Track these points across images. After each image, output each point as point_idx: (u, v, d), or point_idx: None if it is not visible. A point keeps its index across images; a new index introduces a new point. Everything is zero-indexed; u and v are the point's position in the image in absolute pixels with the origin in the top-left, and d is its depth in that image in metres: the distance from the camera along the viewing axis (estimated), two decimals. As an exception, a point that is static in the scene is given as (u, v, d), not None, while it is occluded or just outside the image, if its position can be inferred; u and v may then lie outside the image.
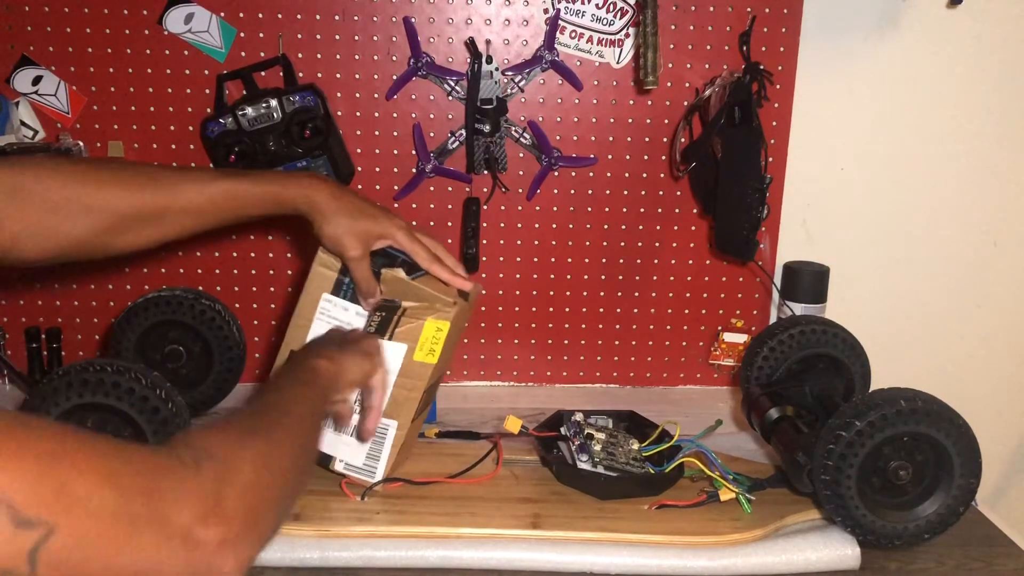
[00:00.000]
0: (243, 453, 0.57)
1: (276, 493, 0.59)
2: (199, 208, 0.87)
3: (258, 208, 0.90)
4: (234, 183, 0.88)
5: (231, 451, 0.56)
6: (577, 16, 1.20)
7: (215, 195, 0.87)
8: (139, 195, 0.83)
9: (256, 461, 0.57)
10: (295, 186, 0.91)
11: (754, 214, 1.11)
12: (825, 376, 1.03)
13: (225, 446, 0.56)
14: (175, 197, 0.85)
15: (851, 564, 0.86)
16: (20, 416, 0.48)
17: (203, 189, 0.86)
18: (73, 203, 0.80)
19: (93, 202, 0.81)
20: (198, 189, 0.86)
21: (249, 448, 0.58)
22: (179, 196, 0.85)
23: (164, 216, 0.85)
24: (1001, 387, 1.40)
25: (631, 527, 0.89)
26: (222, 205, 0.88)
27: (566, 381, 1.35)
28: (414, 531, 0.88)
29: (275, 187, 0.90)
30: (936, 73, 1.28)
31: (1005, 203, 1.34)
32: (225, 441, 0.57)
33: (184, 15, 1.18)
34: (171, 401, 0.87)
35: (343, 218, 0.92)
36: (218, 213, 0.88)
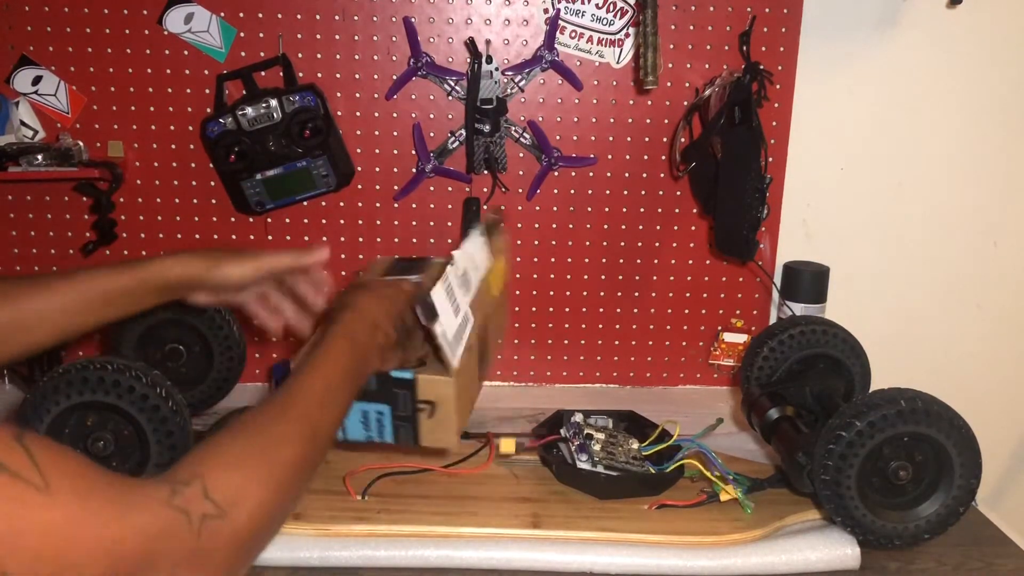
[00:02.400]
0: (249, 501, 0.57)
1: (271, 532, 0.61)
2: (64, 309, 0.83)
3: (129, 296, 0.86)
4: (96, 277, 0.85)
5: (237, 501, 0.57)
6: (577, 16, 1.20)
7: (83, 294, 0.84)
8: (5, 301, 0.81)
9: (260, 510, 0.58)
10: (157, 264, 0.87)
11: (754, 214, 1.11)
12: (825, 376, 1.03)
13: (234, 496, 0.57)
14: (43, 296, 0.82)
15: (851, 564, 0.86)
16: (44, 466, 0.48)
17: (68, 289, 0.84)
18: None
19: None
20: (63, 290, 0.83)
21: (258, 495, 0.58)
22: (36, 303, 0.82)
23: (40, 320, 0.82)
24: (1001, 387, 1.40)
25: (631, 527, 0.89)
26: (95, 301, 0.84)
27: (566, 381, 1.35)
28: (414, 530, 0.88)
29: (140, 270, 0.86)
30: (936, 73, 1.28)
31: (1005, 203, 1.34)
32: (237, 488, 0.57)
33: (184, 15, 1.18)
34: (171, 400, 0.87)
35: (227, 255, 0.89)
36: (93, 311, 0.84)
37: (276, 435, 0.63)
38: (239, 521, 0.56)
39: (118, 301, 0.85)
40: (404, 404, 0.86)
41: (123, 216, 1.25)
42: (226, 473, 0.57)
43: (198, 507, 0.54)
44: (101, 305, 0.84)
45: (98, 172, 1.18)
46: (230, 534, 0.56)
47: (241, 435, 0.62)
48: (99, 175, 1.18)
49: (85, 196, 1.23)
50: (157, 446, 0.86)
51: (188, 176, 1.24)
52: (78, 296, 0.83)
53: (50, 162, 1.15)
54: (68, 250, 1.26)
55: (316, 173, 1.20)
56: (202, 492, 0.55)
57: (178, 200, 1.25)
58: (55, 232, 1.26)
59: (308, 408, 0.68)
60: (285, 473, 0.62)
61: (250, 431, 0.63)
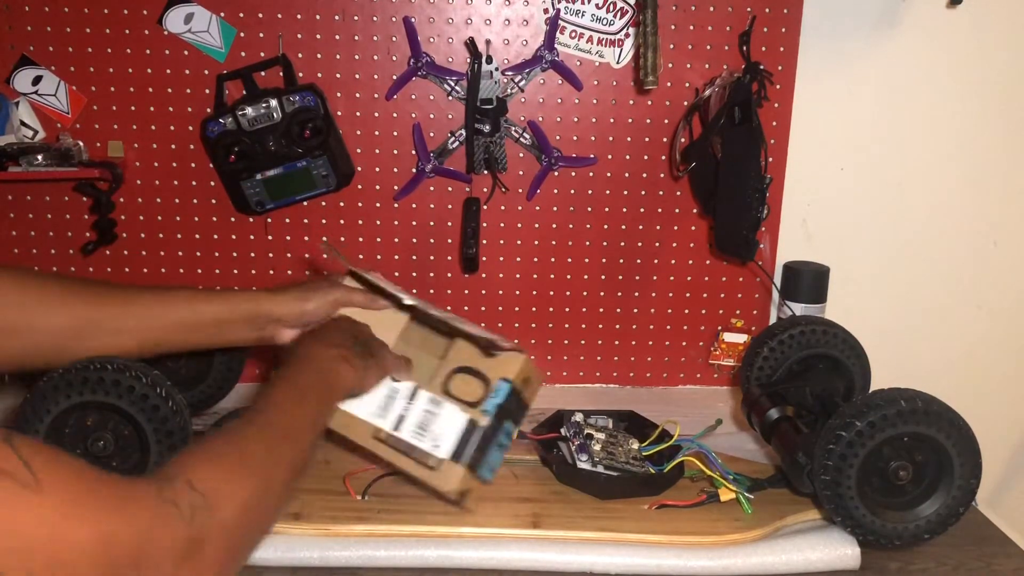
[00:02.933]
0: (235, 495, 0.60)
1: (258, 532, 0.63)
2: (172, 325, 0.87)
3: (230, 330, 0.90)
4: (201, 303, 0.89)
5: (223, 494, 0.59)
6: (577, 16, 1.20)
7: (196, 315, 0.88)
8: (100, 300, 0.84)
9: (246, 505, 0.60)
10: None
11: (754, 214, 1.11)
12: (825, 376, 1.03)
13: (218, 487, 0.59)
14: (134, 307, 0.86)
15: (851, 564, 0.86)
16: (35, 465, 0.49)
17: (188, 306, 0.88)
18: (36, 304, 0.81)
19: (54, 301, 0.82)
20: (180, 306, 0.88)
21: (243, 489, 0.61)
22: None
23: (121, 325, 0.85)
24: (1001, 387, 1.40)
25: (631, 527, 0.89)
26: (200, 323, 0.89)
27: (566, 381, 1.35)
28: (414, 530, 0.88)
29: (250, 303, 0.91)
30: (936, 73, 1.28)
31: (1005, 203, 1.34)
32: (220, 479, 0.59)
33: (184, 15, 1.18)
34: (171, 399, 0.87)
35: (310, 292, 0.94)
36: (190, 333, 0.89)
37: (246, 434, 0.67)
38: (227, 513, 0.58)
39: (207, 329, 0.88)
40: (513, 403, 0.91)
41: (123, 216, 1.25)
42: (208, 468, 0.60)
43: (186, 498, 0.56)
44: (190, 329, 0.87)
45: (98, 172, 1.18)
46: (220, 525, 0.57)
47: (219, 438, 0.65)
48: (99, 175, 1.18)
49: (85, 196, 1.23)
50: (157, 446, 0.86)
51: (188, 176, 1.24)
52: (171, 315, 0.86)
53: (50, 162, 1.15)
54: (68, 250, 1.26)
55: (316, 173, 1.20)
56: (188, 485, 0.57)
57: (178, 200, 1.25)
58: (55, 232, 1.26)
59: (273, 416, 0.71)
60: (265, 468, 0.65)
61: (224, 434, 0.66)
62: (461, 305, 1.31)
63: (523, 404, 0.93)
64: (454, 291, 1.30)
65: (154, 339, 0.87)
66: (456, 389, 0.88)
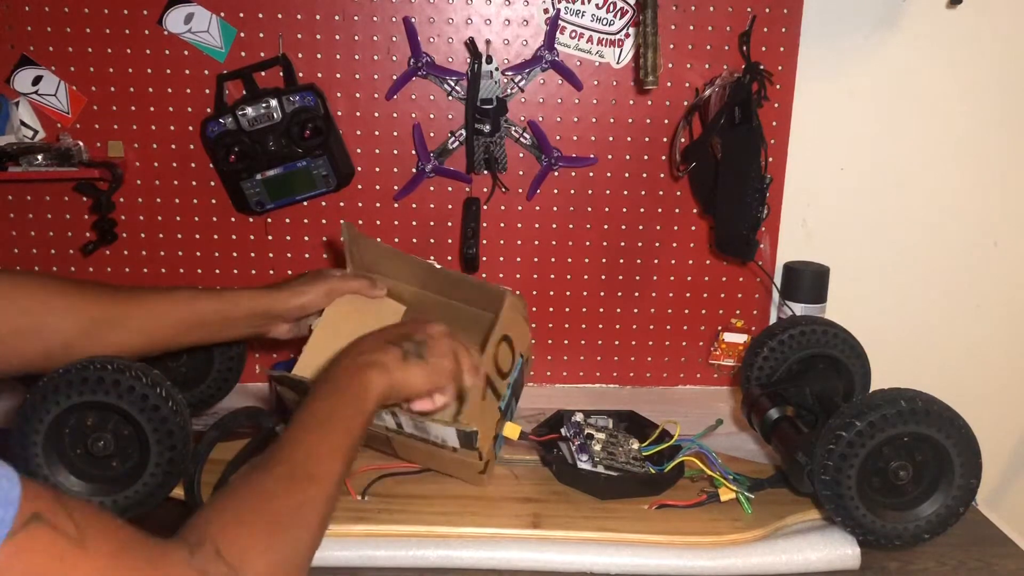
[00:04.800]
0: (263, 561, 0.59)
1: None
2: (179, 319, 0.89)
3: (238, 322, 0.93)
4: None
5: (251, 562, 0.58)
6: (577, 16, 1.20)
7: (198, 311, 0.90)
8: (109, 300, 0.86)
9: (275, 567, 0.60)
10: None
11: (754, 214, 1.11)
12: (825, 376, 1.03)
13: (246, 556, 0.58)
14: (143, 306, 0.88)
15: (851, 564, 0.86)
16: (79, 521, 0.50)
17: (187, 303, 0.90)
18: (46, 306, 0.82)
19: (65, 304, 0.83)
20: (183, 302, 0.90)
21: (270, 553, 0.60)
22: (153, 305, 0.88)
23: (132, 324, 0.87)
24: (1001, 387, 1.40)
25: (631, 527, 0.89)
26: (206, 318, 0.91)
27: (566, 381, 1.35)
28: (414, 530, 0.88)
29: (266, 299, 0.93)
30: (936, 73, 1.28)
31: (1005, 203, 1.34)
32: (248, 548, 0.59)
33: (184, 15, 1.18)
34: (171, 399, 0.87)
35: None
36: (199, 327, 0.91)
37: (271, 488, 0.64)
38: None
39: (209, 326, 0.91)
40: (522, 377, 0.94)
41: (123, 216, 1.25)
42: (235, 533, 0.59)
43: (215, 568, 0.56)
44: (194, 326, 0.90)
45: (98, 172, 1.18)
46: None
47: (240, 493, 0.64)
48: (99, 175, 1.18)
49: (85, 196, 1.23)
50: (157, 446, 0.86)
51: (188, 176, 1.24)
52: (176, 313, 0.89)
53: (50, 162, 1.15)
54: (68, 250, 1.26)
55: (316, 173, 1.20)
56: (215, 553, 0.57)
57: (178, 200, 1.25)
58: (55, 232, 1.26)
59: (296, 456, 0.68)
60: (293, 524, 0.63)
61: (248, 487, 0.64)
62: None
63: (521, 380, 0.96)
64: (454, 291, 1.30)
65: (159, 337, 0.89)
66: (501, 359, 0.88)
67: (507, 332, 0.90)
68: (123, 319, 0.86)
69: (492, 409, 0.91)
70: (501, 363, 0.89)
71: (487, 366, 0.87)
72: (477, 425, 0.85)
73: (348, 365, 0.76)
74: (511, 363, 0.90)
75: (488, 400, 0.89)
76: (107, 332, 0.85)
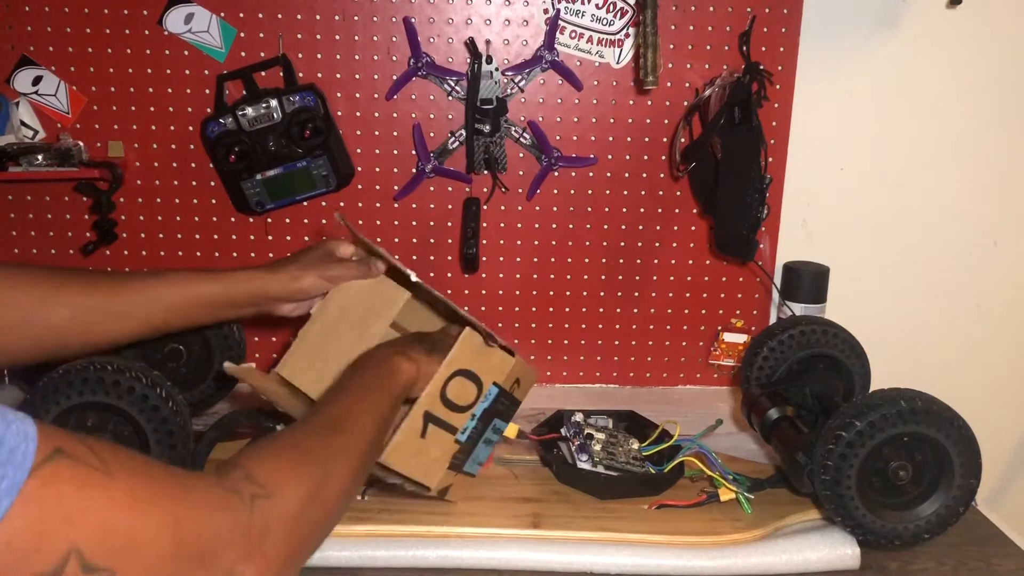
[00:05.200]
0: (295, 487, 0.60)
1: (322, 525, 0.63)
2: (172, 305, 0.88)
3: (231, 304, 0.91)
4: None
5: (283, 485, 0.59)
6: (577, 16, 1.20)
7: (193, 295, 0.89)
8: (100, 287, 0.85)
9: (307, 496, 0.60)
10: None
11: (754, 214, 1.11)
12: (825, 376, 1.03)
13: (277, 478, 0.59)
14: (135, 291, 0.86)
15: (851, 564, 0.86)
16: (101, 453, 0.49)
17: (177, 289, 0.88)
18: (35, 298, 0.81)
19: (54, 295, 0.82)
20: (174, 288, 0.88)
21: (302, 482, 0.61)
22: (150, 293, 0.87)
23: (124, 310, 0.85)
24: (1001, 387, 1.40)
25: (631, 527, 0.89)
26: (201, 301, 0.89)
27: (566, 381, 1.35)
28: (414, 530, 0.88)
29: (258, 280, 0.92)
30: (936, 73, 1.28)
31: (1005, 203, 1.34)
32: (278, 472, 0.60)
33: (184, 15, 1.18)
34: (171, 400, 0.87)
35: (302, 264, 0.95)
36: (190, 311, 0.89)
37: (305, 432, 0.67)
38: (289, 504, 0.58)
39: (206, 308, 0.90)
40: (502, 404, 0.92)
41: (123, 216, 1.25)
42: (266, 460, 0.60)
43: (247, 488, 0.56)
44: (190, 308, 0.88)
45: (98, 172, 1.18)
46: (281, 516, 0.58)
47: (276, 436, 0.66)
48: (99, 175, 1.18)
49: (85, 196, 1.23)
50: (157, 446, 0.86)
51: (188, 176, 1.24)
52: (170, 296, 0.87)
53: (50, 162, 1.15)
54: (68, 250, 1.26)
55: (316, 173, 1.20)
56: (246, 475, 0.57)
57: (178, 200, 1.25)
58: (55, 232, 1.26)
59: (330, 413, 0.71)
60: (324, 460, 0.64)
61: (283, 433, 0.67)
62: (461, 305, 1.31)
63: (515, 401, 0.94)
64: (454, 291, 1.30)
65: (153, 322, 0.87)
66: (452, 393, 0.87)
67: (464, 367, 0.87)
68: (115, 306, 0.85)
69: (442, 442, 0.87)
70: (456, 398, 0.87)
71: (428, 404, 0.84)
72: (411, 460, 0.84)
73: (382, 354, 0.82)
74: (476, 395, 0.88)
75: (433, 433, 0.86)
76: (100, 320, 0.84)
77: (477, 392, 0.88)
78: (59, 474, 0.47)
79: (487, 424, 0.91)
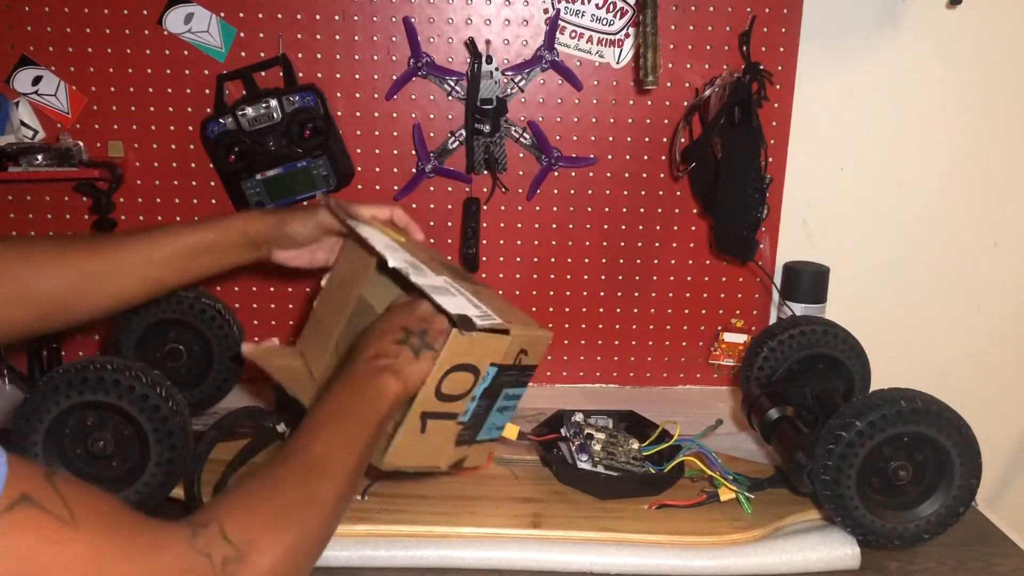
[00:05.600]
0: (270, 548, 0.58)
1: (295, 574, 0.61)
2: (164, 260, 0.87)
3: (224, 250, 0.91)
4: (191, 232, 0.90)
5: (258, 546, 0.57)
6: (577, 16, 1.20)
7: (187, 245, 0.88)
8: (100, 250, 0.85)
9: (282, 558, 0.58)
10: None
11: (754, 214, 1.11)
12: (825, 376, 1.03)
13: (252, 538, 0.57)
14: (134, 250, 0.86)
15: (851, 564, 0.86)
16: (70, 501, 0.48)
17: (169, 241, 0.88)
18: (38, 268, 0.81)
19: (56, 263, 0.81)
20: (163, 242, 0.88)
21: (279, 541, 0.59)
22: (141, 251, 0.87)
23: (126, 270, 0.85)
24: (1001, 387, 1.40)
25: (631, 527, 0.89)
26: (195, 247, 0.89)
27: (566, 381, 1.35)
28: (414, 530, 0.88)
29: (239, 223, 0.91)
30: (936, 73, 1.28)
31: (1005, 203, 1.34)
32: (254, 530, 0.57)
33: (184, 15, 1.18)
34: (171, 399, 0.87)
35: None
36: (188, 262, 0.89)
37: (283, 478, 0.64)
38: (262, 565, 0.56)
39: (203, 256, 0.89)
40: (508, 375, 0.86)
41: (123, 216, 1.25)
42: (243, 516, 0.58)
43: (219, 549, 0.54)
44: (187, 259, 0.88)
45: (98, 172, 1.18)
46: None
47: (251, 481, 0.63)
48: (99, 175, 1.18)
49: (85, 196, 1.23)
50: (157, 446, 0.86)
51: (188, 176, 1.24)
52: (164, 249, 0.87)
53: (50, 162, 1.15)
54: (68, 250, 1.26)
55: (316, 173, 1.20)
56: (220, 534, 0.55)
57: (178, 200, 1.25)
58: (55, 232, 1.26)
59: (312, 448, 0.68)
60: (304, 515, 0.62)
61: (260, 478, 0.64)
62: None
63: (524, 368, 0.88)
64: (454, 291, 1.30)
65: (154, 278, 0.87)
66: (448, 387, 0.82)
67: (456, 363, 0.82)
68: (114, 267, 0.84)
69: (443, 429, 0.84)
70: (452, 390, 0.83)
71: (424, 405, 0.81)
72: (412, 455, 0.82)
73: (364, 368, 0.77)
74: (473, 381, 0.84)
75: (433, 426, 0.83)
76: (100, 283, 0.83)
77: (474, 378, 0.84)
78: (21, 526, 0.45)
79: (494, 398, 0.86)
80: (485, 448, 0.90)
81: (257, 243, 0.92)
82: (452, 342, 0.80)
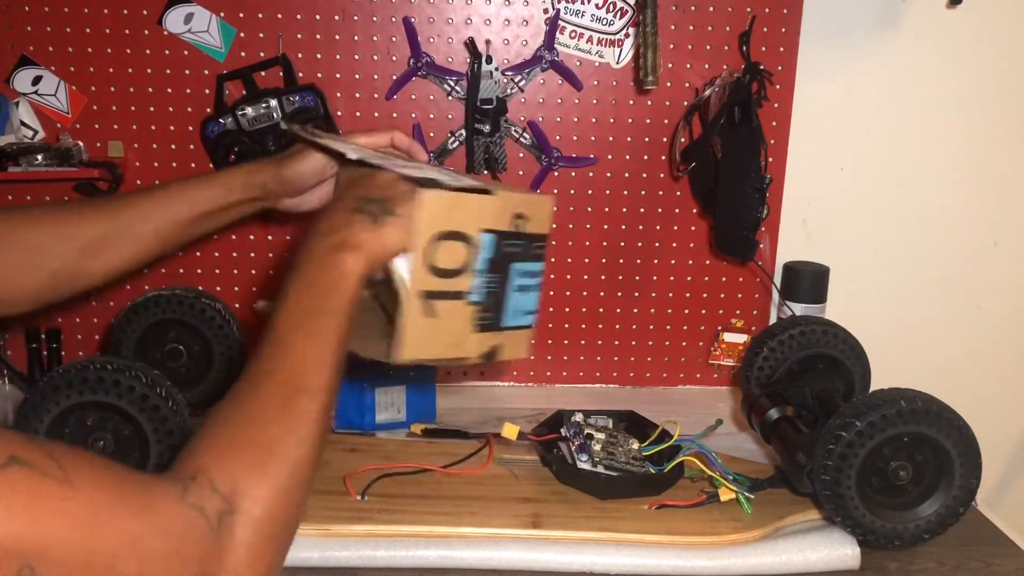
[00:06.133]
0: (262, 493, 0.56)
1: (295, 517, 0.60)
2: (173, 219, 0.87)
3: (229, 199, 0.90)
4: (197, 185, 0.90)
5: (249, 494, 0.56)
6: (577, 16, 1.20)
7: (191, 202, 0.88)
8: (107, 214, 0.85)
9: (275, 500, 0.57)
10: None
11: (754, 214, 1.11)
12: (825, 376, 1.03)
13: (242, 486, 0.56)
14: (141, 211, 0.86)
15: (851, 564, 0.86)
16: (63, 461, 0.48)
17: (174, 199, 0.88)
18: (45, 236, 0.80)
19: (63, 229, 0.82)
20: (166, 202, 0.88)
21: (270, 484, 0.57)
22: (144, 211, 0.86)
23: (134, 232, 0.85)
24: (1001, 387, 1.40)
25: (631, 527, 0.89)
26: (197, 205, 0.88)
27: (566, 381, 1.35)
28: (414, 530, 0.88)
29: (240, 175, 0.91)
30: (936, 73, 1.28)
31: (1005, 203, 1.34)
32: (242, 477, 0.56)
33: (184, 15, 1.18)
34: (171, 399, 0.87)
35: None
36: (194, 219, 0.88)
37: (261, 408, 0.61)
38: (255, 510, 0.56)
39: (210, 214, 0.89)
40: (514, 246, 0.78)
41: (123, 216, 1.25)
42: (227, 464, 0.56)
43: (212, 504, 0.54)
44: (194, 218, 0.88)
45: (98, 172, 1.18)
46: (248, 525, 0.55)
47: (231, 417, 0.60)
48: (99, 175, 1.18)
49: (85, 196, 1.23)
50: (157, 446, 0.86)
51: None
52: (171, 210, 0.87)
53: (50, 162, 1.15)
54: (68, 250, 1.26)
55: (316, 173, 1.20)
56: (209, 486, 0.55)
57: (178, 200, 1.25)
58: (55, 232, 1.26)
59: (284, 365, 0.63)
60: (284, 442, 0.59)
61: (238, 409, 0.61)
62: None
63: (529, 237, 0.79)
64: (454, 291, 1.30)
65: (163, 237, 0.87)
66: (440, 260, 0.73)
67: (437, 232, 0.72)
68: (121, 229, 0.84)
69: (455, 311, 0.75)
70: (446, 263, 0.73)
71: (418, 284, 0.72)
72: (431, 344, 0.74)
73: (319, 251, 0.69)
74: (467, 251, 0.74)
75: (442, 307, 0.74)
76: (109, 246, 0.83)
77: (468, 248, 0.75)
78: (13, 486, 0.45)
79: (503, 273, 0.78)
80: (520, 337, 0.81)
81: (262, 192, 0.91)
82: (427, 203, 0.71)
